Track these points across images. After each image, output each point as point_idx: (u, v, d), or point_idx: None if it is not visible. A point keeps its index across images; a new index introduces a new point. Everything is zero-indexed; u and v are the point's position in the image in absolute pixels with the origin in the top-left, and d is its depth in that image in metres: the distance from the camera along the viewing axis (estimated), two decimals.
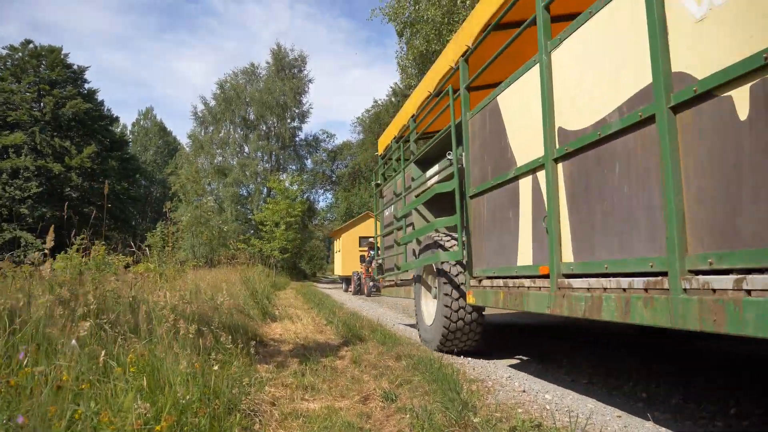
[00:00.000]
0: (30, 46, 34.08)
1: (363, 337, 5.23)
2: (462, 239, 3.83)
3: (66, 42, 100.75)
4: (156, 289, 4.01)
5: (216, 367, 2.55)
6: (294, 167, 38.19)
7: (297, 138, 38.48)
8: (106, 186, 4.65)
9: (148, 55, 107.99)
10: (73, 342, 2.25)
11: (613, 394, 3.03)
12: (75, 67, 35.58)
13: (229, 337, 3.27)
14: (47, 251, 3.27)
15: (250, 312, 6.42)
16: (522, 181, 3.11)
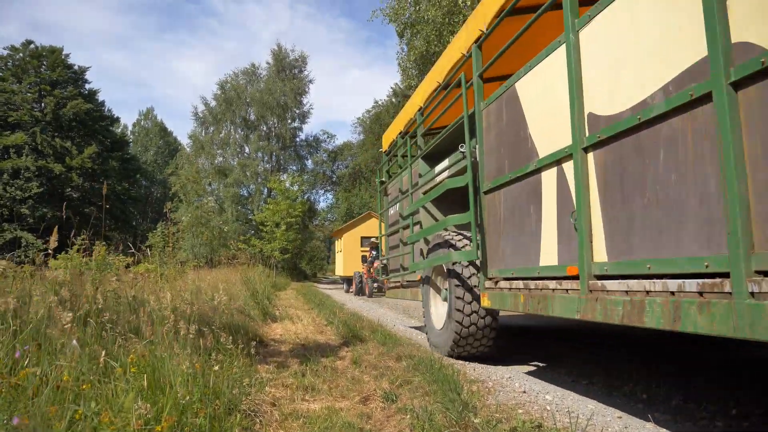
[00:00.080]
0: (31, 46, 34.19)
1: (363, 338, 5.23)
2: (476, 238, 3.60)
3: (66, 42, 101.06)
4: (156, 290, 4.01)
5: (216, 368, 2.55)
6: (294, 168, 38.21)
7: (297, 138, 38.50)
8: (104, 186, 4.67)
9: (148, 55, 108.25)
10: (74, 342, 2.25)
11: (614, 394, 3.03)
12: (76, 68, 35.66)
13: (230, 338, 3.27)
14: (51, 251, 3.28)
15: (250, 312, 6.43)
16: (545, 174, 2.89)
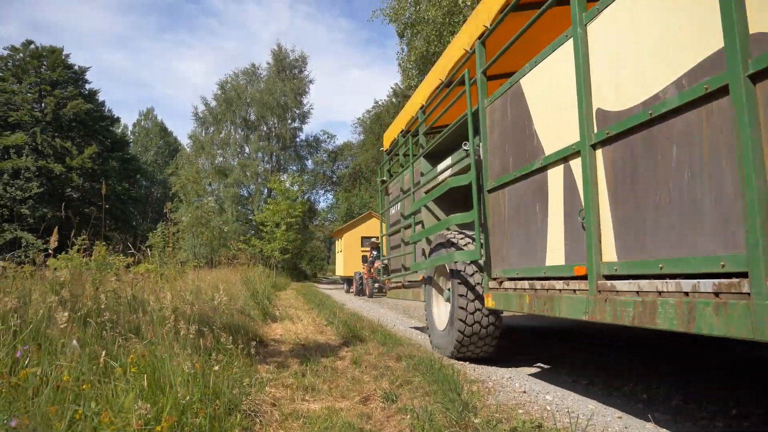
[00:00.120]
0: (31, 46, 34.17)
1: (363, 338, 5.23)
2: (480, 237, 3.54)
3: (66, 42, 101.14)
4: (156, 290, 4.01)
5: (216, 368, 2.54)
6: (294, 168, 38.23)
7: (297, 138, 38.51)
8: (103, 186, 4.68)
9: (148, 55, 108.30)
10: (74, 342, 2.25)
11: (614, 395, 3.03)
12: (76, 68, 35.64)
13: (230, 338, 3.27)
14: (51, 251, 3.29)
15: (250, 312, 6.43)
16: (551, 172, 2.84)
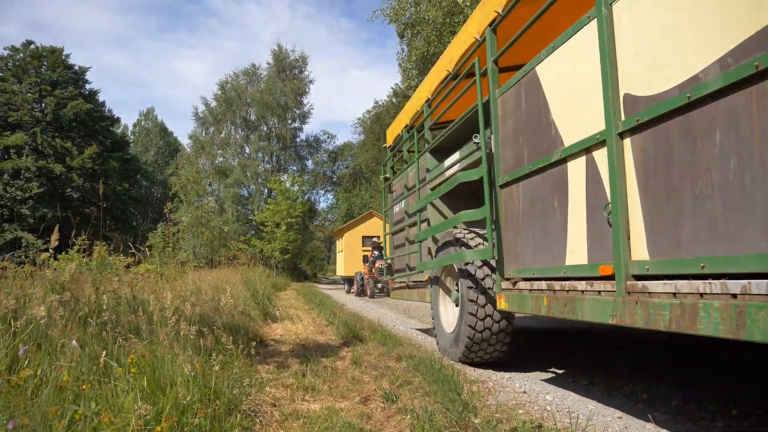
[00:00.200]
0: (31, 46, 34.19)
1: (363, 338, 5.23)
2: (492, 235, 3.36)
3: (66, 42, 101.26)
4: (156, 290, 4.01)
5: (217, 368, 2.55)
6: (295, 168, 38.24)
7: (298, 139, 38.52)
8: (101, 186, 4.68)
9: (148, 55, 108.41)
10: (74, 342, 2.25)
11: (614, 395, 3.03)
12: (76, 68, 35.68)
13: (230, 338, 3.26)
14: (52, 251, 3.29)
15: (250, 313, 6.43)
16: (571, 164, 2.67)
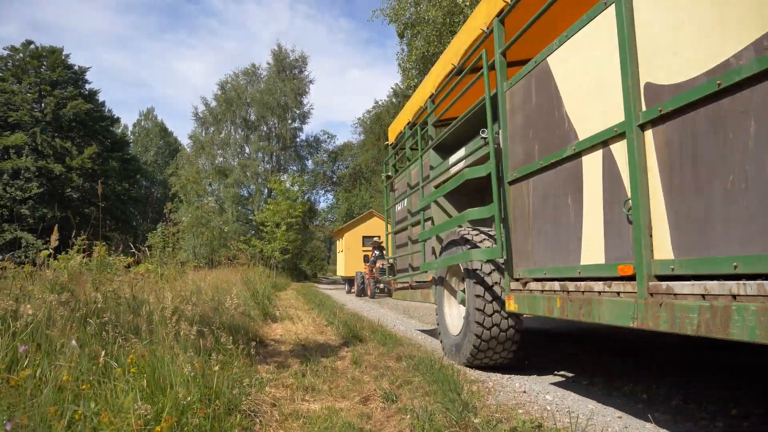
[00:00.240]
0: (31, 46, 34.20)
1: (363, 338, 5.23)
2: (501, 234, 3.25)
3: (66, 42, 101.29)
4: (156, 290, 4.01)
5: (216, 368, 2.55)
6: (295, 168, 38.24)
7: (298, 139, 38.52)
8: (99, 186, 4.66)
9: (148, 55, 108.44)
10: (73, 342, 2.25)
11: (614, 394, 3.03)
12: (76, 68, 35.68)
13: (230, 338, 3.27)
14: (52, 251, 3.28)
15: (250, 313, 6.43)
16: (587, 158, 2.56)
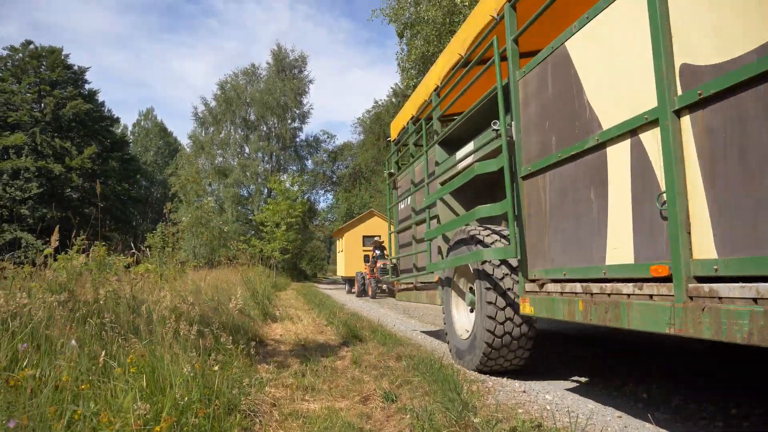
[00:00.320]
0: (30, 46, 34.16)
1: (363, 338, 5.23)
2: (515, 232, 3.06)
3: (66, 42, 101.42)
4: (156, 290, 4.01)
5: (216, 368, 2.54)
6: (294, 168, 38.27)
7: (297, 139, 38.55)
8: (98, 186, 4.64)
9: (148, 56, 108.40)
10: (73, 342, 2.25)
11: (614, 394, 3.03)
12: (75, 68, 35.66)
13: (230, 338, 3.26)
14: (52, 251, 3.28)
15: (250, 312, 6.43)
16: (612, 149, 2.37)
